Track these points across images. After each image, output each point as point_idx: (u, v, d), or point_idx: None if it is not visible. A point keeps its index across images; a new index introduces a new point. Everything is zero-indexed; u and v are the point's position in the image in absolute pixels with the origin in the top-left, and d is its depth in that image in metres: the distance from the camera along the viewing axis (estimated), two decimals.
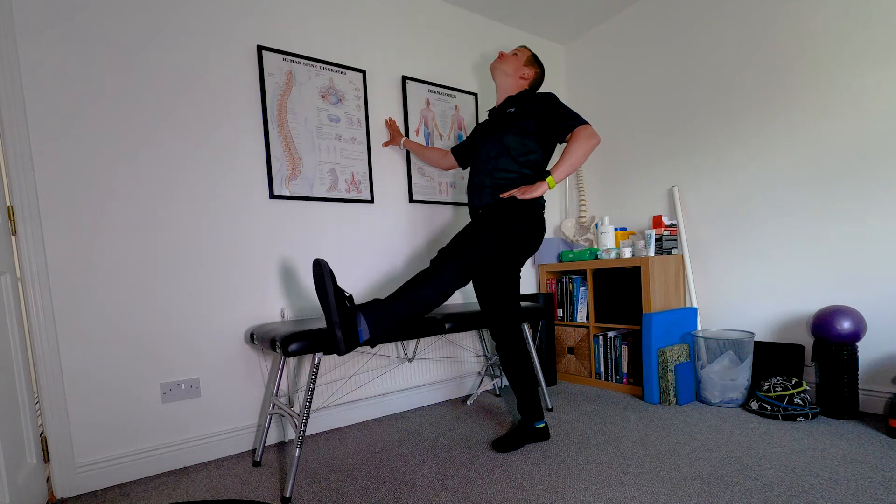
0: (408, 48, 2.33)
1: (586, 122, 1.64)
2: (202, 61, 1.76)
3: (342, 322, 1.39)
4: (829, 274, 1.98)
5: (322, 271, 1.37)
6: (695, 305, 2.39)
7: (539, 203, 1.71)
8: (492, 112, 1.87)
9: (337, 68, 2.08)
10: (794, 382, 1.92)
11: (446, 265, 1.55)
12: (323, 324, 1.60)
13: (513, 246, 1.67)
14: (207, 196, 1.77)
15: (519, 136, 1.71)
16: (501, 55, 1.87)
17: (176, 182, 1.71)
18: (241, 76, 1.84)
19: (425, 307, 1.52)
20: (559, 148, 2.97)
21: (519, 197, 1.64)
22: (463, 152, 2.09)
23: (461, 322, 1.82)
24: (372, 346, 1.52)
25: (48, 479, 1.56)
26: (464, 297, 2.51)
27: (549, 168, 2.87)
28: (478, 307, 2.02)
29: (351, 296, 1.47)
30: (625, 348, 2.39)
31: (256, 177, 1.88)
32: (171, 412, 1.71)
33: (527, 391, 1.75)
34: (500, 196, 1.70)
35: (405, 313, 1.49)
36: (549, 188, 1.63)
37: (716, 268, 2.35)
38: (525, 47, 1.90)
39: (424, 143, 2.37)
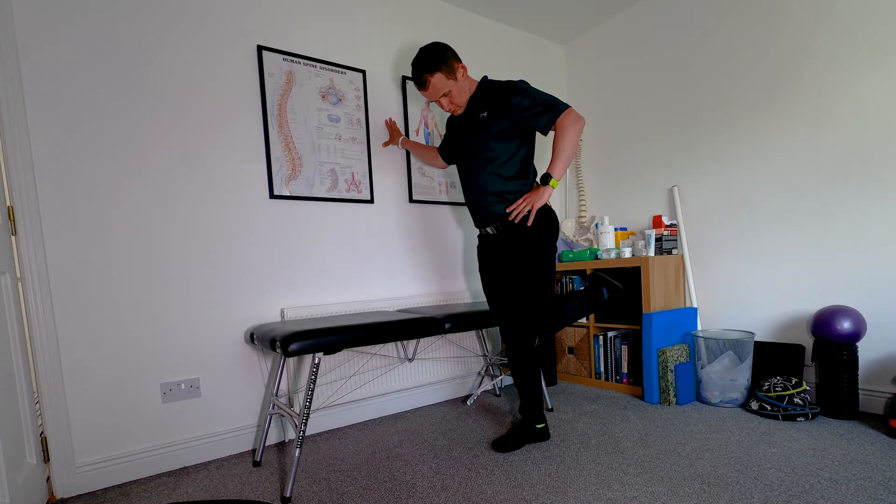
0: (408, 48, 2.33)
1: (566, 106, 1.58)
2: (202, 62, 1.76)
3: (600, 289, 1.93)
4: (829, 274, 1.98)
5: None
6: (695, 305, 2.39)
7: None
8: (462, 113, 1.81)
9: (337, 68, 2.08)
10: (794, 382, 1.92)
11: (539, 314, 1.71)
12: (321, 324, 1.60)
13: (550, 250, 1.72)
14: (207, 195, 1.77)
15: (503, 140, 1.67)
16: (439, 96, 1.72)
17: (175, 182, 1.71)
18: (241, 76, 1.84)
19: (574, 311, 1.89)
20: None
21: (531, 210, 1.63)
22: (447, 150, 2.07)
23: (461, 322, 1.82)
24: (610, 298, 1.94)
25: (48, 479, 1.56)
26: (473, 297, 2.51)
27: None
28: (478, 307, 2.02)
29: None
30: (625, 348, 2.39)
31: (256, 177, 1.88)
32: (171, 412, 1.71)
33: (531, 392, 1.75)
34: (511, 216, 1.67)
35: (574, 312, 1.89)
36: (554, 188, 1.63)
37: (716, 268, 2.35)
38: (427, 71, 1.67)
39: (424, 143, 2.37)
